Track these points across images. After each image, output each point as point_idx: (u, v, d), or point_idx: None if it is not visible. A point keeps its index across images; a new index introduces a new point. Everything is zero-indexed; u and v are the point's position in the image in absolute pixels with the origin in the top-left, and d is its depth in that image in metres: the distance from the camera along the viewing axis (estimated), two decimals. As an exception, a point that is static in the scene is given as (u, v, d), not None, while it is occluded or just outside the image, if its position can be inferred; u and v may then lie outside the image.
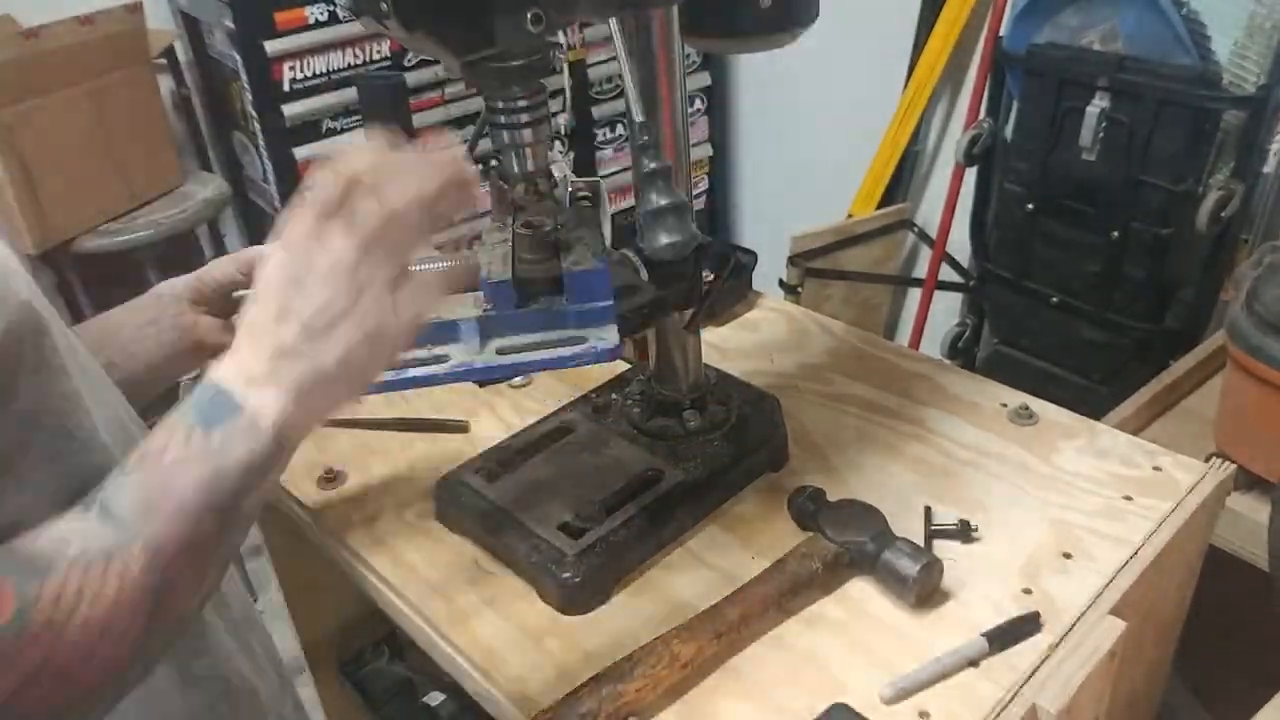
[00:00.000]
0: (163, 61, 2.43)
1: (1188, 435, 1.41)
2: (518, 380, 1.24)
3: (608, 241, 0.80)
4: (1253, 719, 0.92)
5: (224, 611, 0.77)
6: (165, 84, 2.44)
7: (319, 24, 2.23)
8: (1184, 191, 1.79)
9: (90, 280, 2.39)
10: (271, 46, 2.19)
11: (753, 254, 1.03)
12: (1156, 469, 1.00)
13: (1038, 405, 1.10)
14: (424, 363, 0.72)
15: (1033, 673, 0.77)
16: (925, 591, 0.84)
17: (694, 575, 0.91)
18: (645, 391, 1.05)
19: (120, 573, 0.52)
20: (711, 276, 0.89)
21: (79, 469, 0.59)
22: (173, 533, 0.54)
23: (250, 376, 0.57)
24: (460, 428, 1.15)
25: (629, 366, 1.14)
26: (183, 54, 2.50)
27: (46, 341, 0.58)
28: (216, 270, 0.87)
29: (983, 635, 0.80)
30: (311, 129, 2.32)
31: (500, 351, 0.74)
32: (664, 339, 0.99)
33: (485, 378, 0.73)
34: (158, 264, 2.28)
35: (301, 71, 2.26)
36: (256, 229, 2.71)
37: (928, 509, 0.95)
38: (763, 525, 0.96)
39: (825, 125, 2.73)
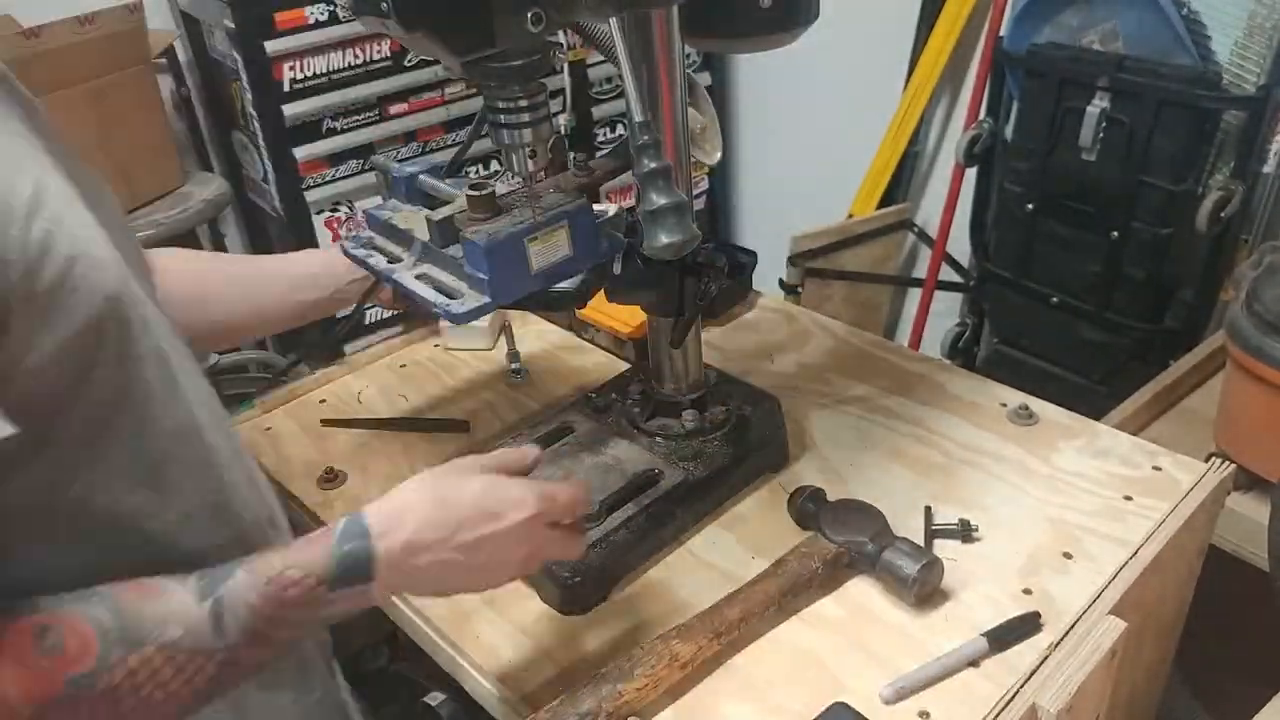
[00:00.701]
0: (163, 61, 2.43)
1: (1188, 435, 1.41)
2: (515, 380, 1.25)
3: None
4: (1253, 719, 0.92)
5: None
6: (165, 84, 2.44)
7: (319, 24, 2.23)
8: (1184, 191, 1.79)
9: (90, 280, 2.38)
10: (272, 46, 2.19)
11: (752, 254, 1.03)
12: (1156, 469, 1.00)
13: (1038, 405, 1.10)
14: (387, 255, 0.86)
15: (1033, 673, 0.77)
16: (925, 591, 0.84)
17: (694, 575, 0.91)
18: (645, 391, 1.05)
19: (193, 674, 0.58)
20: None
21: (154, 453, 0.64)
22: (247, 656, 0.61)
23: (393, 568, 0.66)
24: (460, 427, 1.16)
25: (629, 366, 1.14)
26: (183, 54, 2.50)
27: (129, 333, 0.61)
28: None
29: (983, 635, 0.80)
30: (312, 129, 2.32)
31: (419, 276, 0.82)
32: (664, 340, 0.99)
33: (397, 287, 0.83)
34: (158, 264, 2.28)
35: (302, 71, 2.26)
36: (257, 229, 2.71)
37: (928, 509, 0.95)
38: (763, 525, 0.96)
39: (825, 125, 2.73)
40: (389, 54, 2.35)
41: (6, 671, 0.53)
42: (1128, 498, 0.96)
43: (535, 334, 1.35)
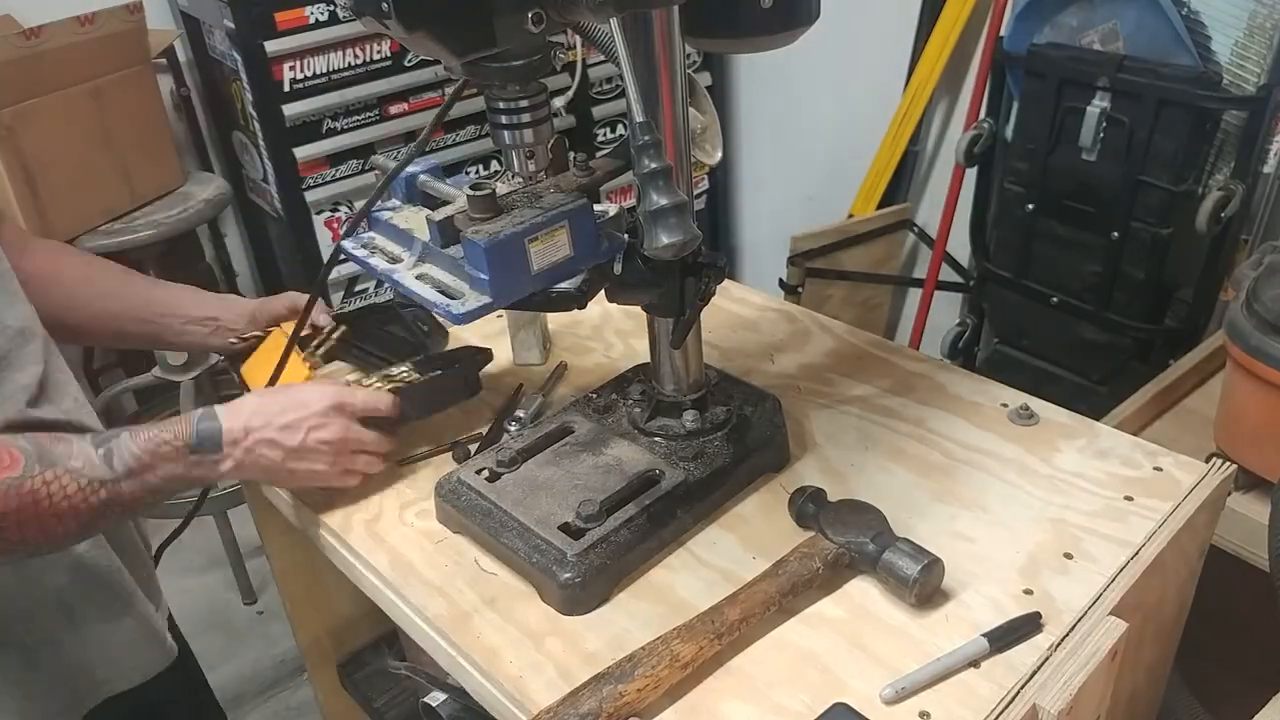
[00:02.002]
0: (163, 61, 2.43)
1: (1188, 435, 1.41)
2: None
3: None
4: (1253, 719, 0.92)
5: None
6: (165, 84, 2.44)
7: (319, 24, 2.23)
8: (1184, 191, 1.80)
9: (90, 280, 2.38)
10: (271, 46, 2.19)
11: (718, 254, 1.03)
12: (1157, 469, 1.00)
13: (1038, 405, 1.10)
14: (387, 256, 0.88)
15: (1033, 673, 0.77)
16: (926, 592, 0.85)
17: (694, 575, 0.91)
18: (646, 392, 1.05)
19: (86, 495, 0.82)
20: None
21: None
22: (134, 495, 0.85)
23: (235, 439, 0.91)
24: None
25: (630, 367, 1.14)
26: (183, 54, 2.50)
27: None
28: (275, 305, 1.20)
29: (983, 635, 0.80)
30: (312, 129, 2.32)
31: (419, 276, 0.83)
32: (664, 340, 0.99)
33: (397, 290, 0.85)
34: (158, 264, 2.28)
35: (302, 71, 2.26)
36: (257, 229, 2.71)
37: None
38: (763, 525, 0.96)
39: (825, 125, 2.73)
40: (389, 54, 2.35)
41: None
42: (1128, 498, 0.96)
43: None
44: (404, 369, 1.13)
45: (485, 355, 1.17)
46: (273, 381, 1.07)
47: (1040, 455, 1.03)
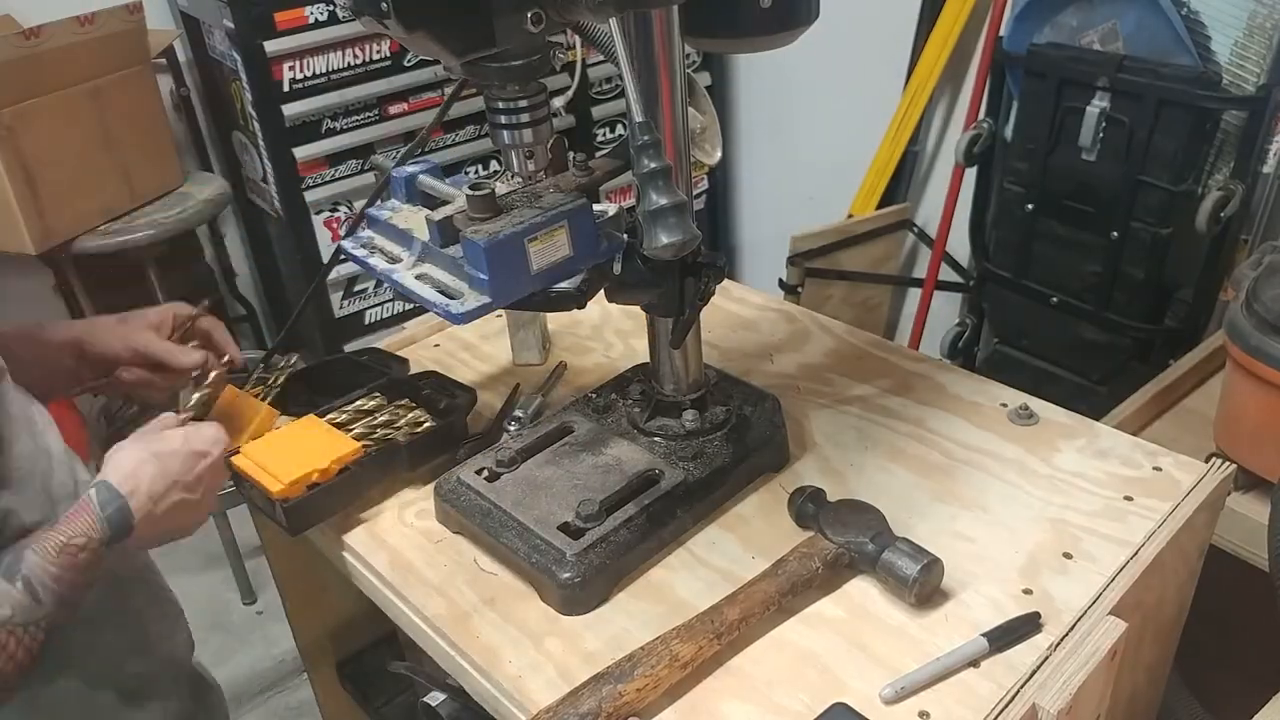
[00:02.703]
0: (163, 61, 2.43)
1: (1188, 435, 1.41)
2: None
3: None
4: (1253, 719, 0.92)
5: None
6: (165, 84, 2.44)
7: (319, 24, 2.23)
8: (1184, 191, 1.80)
9: (90, 280, 2.39)
10: (271, 46, 2.19)
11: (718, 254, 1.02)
12: (1157, 469, 1.00)
13: (1038, 405, 1.10)
14: (387, 255, 0.87)
15: (1033, 673, 0.77)
16: (926, 591, 0.84)
17: (694, 575, 0.91)
18: (646, 392, 1.05)
19: (30, 640, 0.77)
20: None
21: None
22: (64, 617, 0.80)
23: (142, 511, 0.84)
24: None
25: (630, 367, 1.14)
26: (183, 54, 2.50)
27: None
28: (150, 315, 1.08)
29: (983, 635, 0.80)
30: (312, 129, 2.32)
31: (419, 276, 0.82)
32: (664, 340, 0.99)
33: (396, 290, 0.84)
34: (158, 264, 2.28)
35: (301, 71, 2.26)
36: (256, 229, 2.71)
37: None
38: (763, 525, 0.96)
39: (825, 125, 2.73)
40: (389, 54, 2.35)
41: None
42: (1128, 498, 0.96)
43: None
44: (376, 399, 1.10)
45: (471, 396, 1.12)
46: (254, 436, 1.05)
47: (1040, 455, 1.03)
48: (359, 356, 1.23)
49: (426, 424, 1.07)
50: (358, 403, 1.09)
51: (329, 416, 1.06)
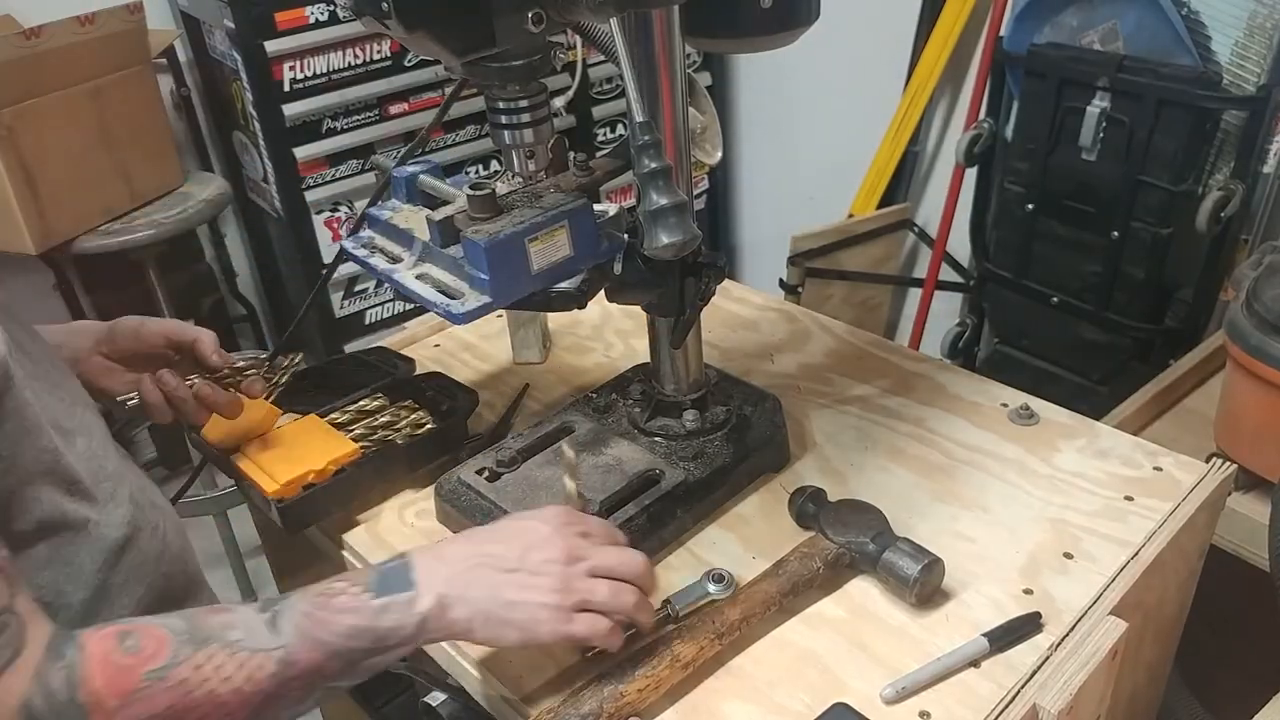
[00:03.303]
0: (163, 61, 2.43)
1: (1188, 435, 1.42)
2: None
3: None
4: (1253, 719, 0.92)
5: None
6: (165, 84, 2.44)
7: (319, 24, 2.23)
8: (1184, 191, 1.80)
9: (90, 280, 2.39)
10: (271, 46, 2.19)
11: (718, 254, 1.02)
12: (1157, 469, 1.00)
13: (1038, 405, 1.10)
14: (387, 255, 0.86)
15: (1034, 673, 0.77)
16: (926, 591, 0.84)
17: (694, 575, 0.91)
18: (646, 392, 1.05)
19: (254, 669, 0.66)
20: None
21: (58, 499, 0.73)
22: (305, 658, 0.68)
23: (432, 571, 0.72)
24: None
25: (630, 367, 1.14)
26: (183, 54, 2.50)
27: (11, 393, 0.68)
28: (148, 329, 0.98)
29: (983, 635, 0.80)
30: (312, 129, 2.32)
31: (419, 276, 0.82)
32: (664, 340, 0.99)
33: (397, 290, 0.83)
34: (158, 264, 2.28)
35: (302, 71, 2.26)
36: (257, 229, 2.71)
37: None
38: (763, 525, 0.96)
39: (825, 125, 2.73)
40: (389, 54, 2.35)
41: (95, 669, 0.62)
42: (1128, 498, 0.96)
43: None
44: (378, 400, 1.09)
45: (473, 399, 1.12)
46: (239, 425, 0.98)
47: (1040, 455, 1.03)
48: (365, 356, 1.23)
49: (427, 426, 1.07)
50: (360, 403, 1.09)
51: (330, 416, 1.06)
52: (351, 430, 1.05)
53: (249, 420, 1.03)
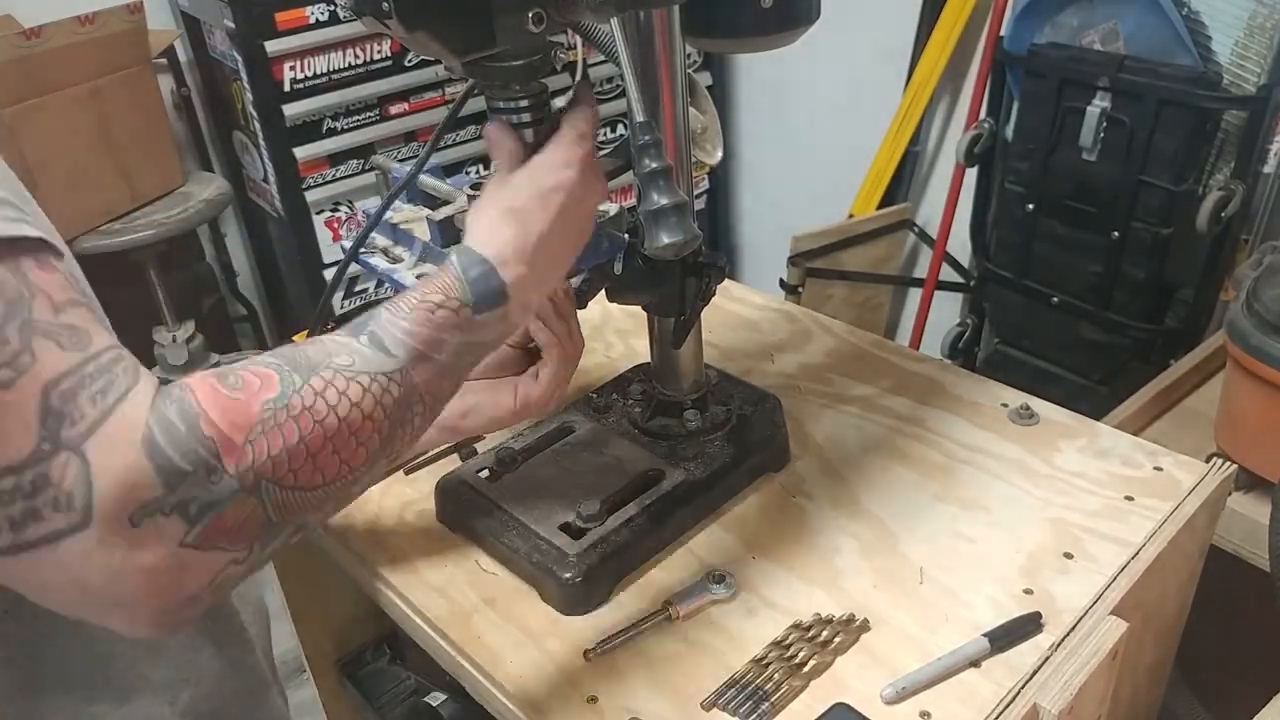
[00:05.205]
0: (163, 61, 2.43)
1: (1188, 435, 1.42)
2: None
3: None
4: (1253, 719, 0.92)
5: None
6: (165, 84, 2.44)
7: (319, 24, 2.23)
8: (1184, 191, 1.80)
9: (90, 280, 2.38)
10: (272, 46, 2.19)
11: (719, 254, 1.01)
12: (1157, 469, 1.00)
13: (1038, 405, 1.10)
14: (388, 256, 0.86)
15: (1034, 673, 0.77)
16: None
17: (695, 575, 0.91)
18: (646, 391, 1.05)
19: (380, 393, 0.60)
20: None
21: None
22: (429, 382, 0.64)
23: (504, 259, 0.69)
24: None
25: (630, 367, 1.14)
26: (183, 54, 2.50)
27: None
28: None
29: (984, 635, 0.80)
30: (312, 129, 2.32)
31: (419, 276, 0.80)
32: (664, 339, 0.99)
33: (397, 290, 0.81)
34: (158, 264, 2.28)
35: (302, 71, 2.26)
36: (257, 229, 2.72)
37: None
38: (763, 525, 0.96)
39: (825, 125, 2.73)
40: (389, 54, 2.35)
41: (209, 405, 0.54)
42: (1129, 498, 0.96)
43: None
44: None
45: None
46: None
47: (1040, 455, 1.03)
48: None
49: None
50: None
51: None
52: None
53: None
